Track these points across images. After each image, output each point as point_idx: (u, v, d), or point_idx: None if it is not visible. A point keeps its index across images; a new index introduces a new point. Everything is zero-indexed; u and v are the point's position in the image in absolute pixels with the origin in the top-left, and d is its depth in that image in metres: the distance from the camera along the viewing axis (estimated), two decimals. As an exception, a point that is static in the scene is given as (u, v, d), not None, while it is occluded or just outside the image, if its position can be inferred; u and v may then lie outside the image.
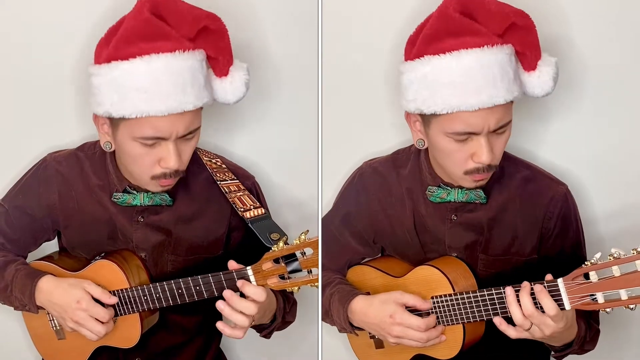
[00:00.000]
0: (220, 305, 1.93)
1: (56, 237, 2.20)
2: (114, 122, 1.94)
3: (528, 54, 1.95)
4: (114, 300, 2.00)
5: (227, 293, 1.92)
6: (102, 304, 2.00)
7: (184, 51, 1.90)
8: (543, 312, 1.87)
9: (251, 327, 2.08)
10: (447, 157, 1.97)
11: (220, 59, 1.98)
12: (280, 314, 2.07)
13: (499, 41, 1.90)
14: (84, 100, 2.01)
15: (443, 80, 1.89)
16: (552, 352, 2.07)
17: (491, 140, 1.92)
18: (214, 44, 1.96)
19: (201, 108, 1.97)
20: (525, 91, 1.98)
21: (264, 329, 2.11)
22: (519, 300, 1.89)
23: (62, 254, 2.18)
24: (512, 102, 1.94)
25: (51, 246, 2.22)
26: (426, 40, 1.92)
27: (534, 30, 1.94)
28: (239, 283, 1.92)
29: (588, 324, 2.03)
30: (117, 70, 1.89)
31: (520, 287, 1.90)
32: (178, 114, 1.90)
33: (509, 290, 1.90)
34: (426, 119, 1.96)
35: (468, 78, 1.88)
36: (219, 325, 1.93)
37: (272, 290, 1.97)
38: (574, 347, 2.01)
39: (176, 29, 1.92)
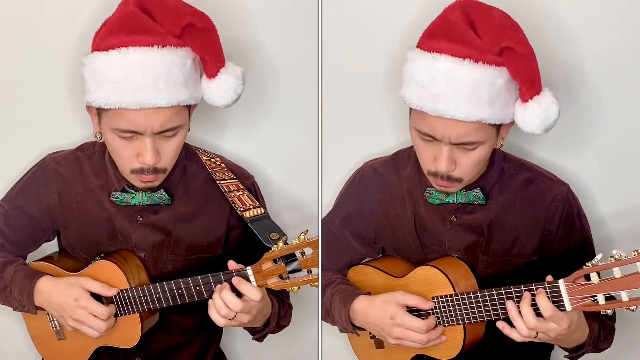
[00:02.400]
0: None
1: (56, 238, 2.20)
2: (99, 112, 1.96)
3: (519, 83, 1.89)
4: (113, 292, 2.00)
5: (220, 285, 1.93)
6: (102, 302, 2.00)
7: (163, 47, 1.90)
8: (541, 315, 1.86)
9: (245, 329, 2.09)
10: (417, 151, 1.99)
11: (207, 59, 1.97)
12: (274, 319, 2.07)
13: (491, 60, 1.86)
14: (84, 100, 2.01)
15: (415, 76, 1.90)
16: (566, 353, 2.06)
17: (455, 152, 1.92)
18: (200, 42, 1.95)
19: (187, 107, 1.97)
20: (517, 122, 1.93)
21: (257, 332, 2.11)
22: (520, 312, 1.88)
23: (62, 255, 2.18)
24: (496, 125, 1.91)
25: (51, 246, 2.22)
26: (424, 35, 1.93)
27: (531, 61, 1.87)
28: (235, 280, 1.91)
29: (602, 323, 2.02)
30: (97, 60, 1.92)
31: (520, 294, 1.90)
32: (153, 109, 1.90)
33: (511, 305, 1.89)
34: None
35: (433, 83, 1.87)
36: (209, 301, 1.94)
37: (267, 295, 1.97)
38: (587, 348, 2.01)
39: (160, 24, 1.92)
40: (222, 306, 1.91)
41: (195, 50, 1.95)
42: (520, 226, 2.05)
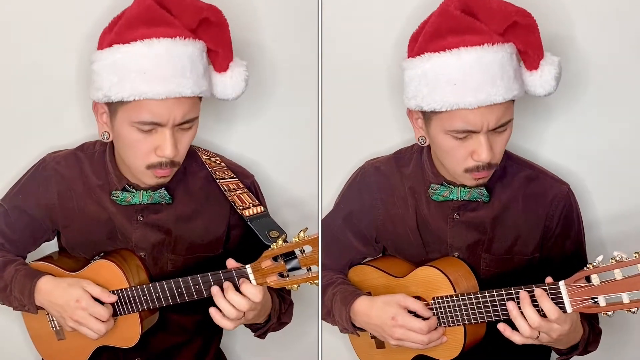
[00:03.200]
0: (214, 290, 1.93)
1: (56, 237, 2.20)
2: (112, 109, 1.95)
3: (530, 53, 1.95)
4: (113, 298, 1.99)
5: (225, 284, 1.92)
6: (102, 303, 1.99)
7: (184, 38, 1.92)
8: (545, 316, 1.86)
9: (246, 326, 2.09)
10: (447, 154, 1.97)
11: (220, 53, 2.00)
12: (275, 315, 2.07)
13: (500, 39, 1.90)
14: (84, 100, 2.02)
15: (442, 78, 1.89)
16: (557, 355, 2.06)
17: (491, 138, 1.92)
18: (214, 36, 1.98)
19: (200, 99, 1.98)
20: (527, 90, 1.98)
21: (258, 329, 2.11)
22: (522, 313, 1.88)
23: (62, 254, 2.18)
24: (512, 101, 1.93)
25: (51, 246, 2.21)
26: (427, 38, 1.92)
27: (536, 29, 1.94)
28: (240, 281, 1.91)
29: (591, 325, 2.03)
30: (119, 53, 1.91)
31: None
32: (176, 100, 1.90)
33: (512, 306, 1.89)
34: (427, 116, 1.96)
35: (467, 76, 1.87)
36: (212, 310, 1.93)
37: (268, 291, 1.96)
38: (579, 349, 2.01)
39: (178, 18, 1.94)
40: (231, 310, 1.91)
41: (209, 44, 1.98)
42: (522, 223, 2.05)
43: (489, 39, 1.89)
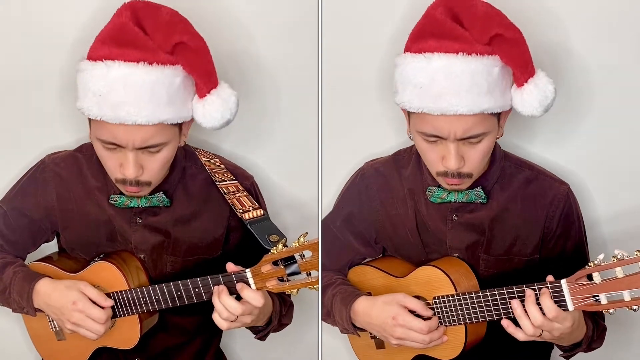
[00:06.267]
0: (214, 288, 1.93)
1: (55, 238, 2.20)
2: (89, 119, 1.95)
3: (513, 68, 1.91)
4: (109, 303, 1.99)
5: (217, 287, 1.91)
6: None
7: (149, 63, 1.87)
8: (544, 314, 1.86)
9: (247, 328, 2.09)
10: (422, 154, 1.99)
11: (196, 79, 1.94)
12: (276, 317, 2.07)
13: (483, 50, 1.87)
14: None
15: (412, 80, 1.90)
16: (561, 352, 2.06)
17: (462, 148, 1.91)
18: (190, 62, 1.91)
19: (177, 124, 1.95)
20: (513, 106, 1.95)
21: (259, 331, 2.11)
22: (526, 311, 1.88)
23: (62, 255, 2.17)
24: (497, 114, 1.92)
25: (51, 247, 2.21)
26: (412, 38, 1.93)
27: (522, 44, 1.89)
28: (239, 286, 1.91)
29: (595, 322, 2.03)
30: (85, 69, 1.91)
31: (522, 293, 1.89)
32: (134, 126, 1.87)
33: (516, 304, 1.89)
34: (409, 113, 1.97)
35: (433, 82, 1.87)
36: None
37: (268, 292, 1.96)
38: (582, 347, 2.01)
39: (152, 38, 1.89)
40: (222, 310, 1.90)
41: (186, 69, 1.91)
42: (522, 224, 2.05)
43: (468, 49, 1.86)
